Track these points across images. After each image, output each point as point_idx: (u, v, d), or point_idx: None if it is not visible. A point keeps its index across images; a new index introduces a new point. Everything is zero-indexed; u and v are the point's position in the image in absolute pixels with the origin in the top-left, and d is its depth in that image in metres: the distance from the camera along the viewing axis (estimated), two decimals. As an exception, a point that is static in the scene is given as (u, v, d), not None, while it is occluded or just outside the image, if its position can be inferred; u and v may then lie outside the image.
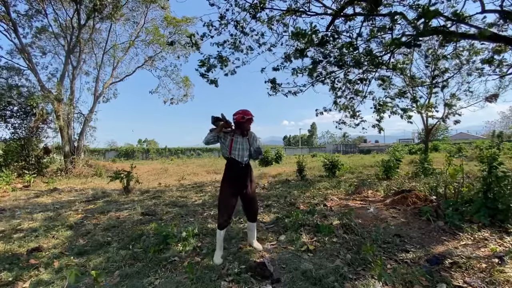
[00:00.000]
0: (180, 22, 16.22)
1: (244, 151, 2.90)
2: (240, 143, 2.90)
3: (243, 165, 2.88)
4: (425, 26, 3.35)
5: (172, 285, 2.33)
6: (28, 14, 13.02)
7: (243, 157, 2.89)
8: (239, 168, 2.87)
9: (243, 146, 2.90)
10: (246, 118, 2.85)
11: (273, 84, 5.87)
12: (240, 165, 2.87)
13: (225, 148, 2.92)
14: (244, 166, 2.90)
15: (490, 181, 3.66)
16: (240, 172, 2.87)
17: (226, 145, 2.89)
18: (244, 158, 2.90)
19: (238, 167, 2.87)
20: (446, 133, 33.58)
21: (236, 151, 2.87)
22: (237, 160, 2.86)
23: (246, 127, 2.90)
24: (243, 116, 2.85)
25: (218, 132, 2.82)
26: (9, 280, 2.51)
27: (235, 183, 2.85)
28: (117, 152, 34.40)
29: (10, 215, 5.10)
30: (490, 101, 7.41)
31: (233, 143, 2.87)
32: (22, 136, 11.14)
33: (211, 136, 2.82)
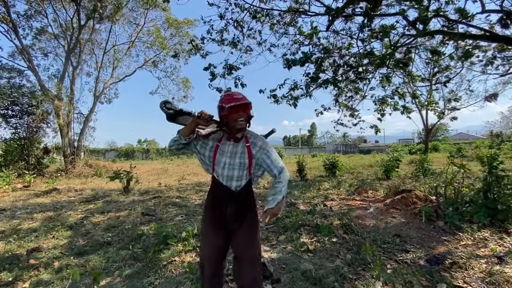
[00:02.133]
0: (181, 24, 16.22)
1: (234, 169, 1.66)
2: (229, 153, 1.67)
3: (232, 193, 1.68)
4: (424, 27, 3.35)
5: (172, 285, 2.33)
6: (28, 15, 13.03)
7: (232, 178, 1.66)
8: (224, 195, 1.69)
9: (234, 160, 1.66)
10: (227, 107, 1.58)
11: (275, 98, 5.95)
12: (227, 192, 1.68)
13: (204, 159, 1.75)
14: (234, 195, 1.68)
15: (490, 181, 3.66)
16: (225, 203, 1.69)
17: (206, 155, 1.73)
18: (235, 182, 1.66)
19: (222, 194, 1.69)
20: (446, 133, 33.58)
21: (220, 166, 1.67)
22: (221, 182, 1.68)
23: (237, 124, 1.61)
24: (221, 105, 1.62)
25: (186, 134, 1.64)
26: (9, 280, 2.51)
27: (217, 219, 1.71)
28: (117, 152, 34.41)
29: (10, 215, 5.10)
30: (490, 101, 7.42)
31: (217, 153, 1.69)
32: (22, 136, 11.14)
33: (173, 140, 1.68)
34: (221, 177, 1.68)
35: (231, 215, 1.69)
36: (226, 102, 1.59)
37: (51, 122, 12.26)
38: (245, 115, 1.63)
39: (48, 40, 14.35)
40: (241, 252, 1.73)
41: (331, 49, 5.04)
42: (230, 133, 1.67)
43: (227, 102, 1.59)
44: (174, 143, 1.68)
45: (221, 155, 1.68)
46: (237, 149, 1.68)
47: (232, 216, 1.69)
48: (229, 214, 1.69)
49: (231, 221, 1.70)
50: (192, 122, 1.64)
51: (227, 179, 1.67)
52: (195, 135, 1.69)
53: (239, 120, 1.60)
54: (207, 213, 1.78)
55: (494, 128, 35.65)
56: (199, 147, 1.75)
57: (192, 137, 1.68)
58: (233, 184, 1.67)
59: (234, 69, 5.70)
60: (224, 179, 1.67)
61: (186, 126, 1.67)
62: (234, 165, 1.66)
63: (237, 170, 1.66)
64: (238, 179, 1.67)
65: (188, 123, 1.67)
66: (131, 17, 15.58)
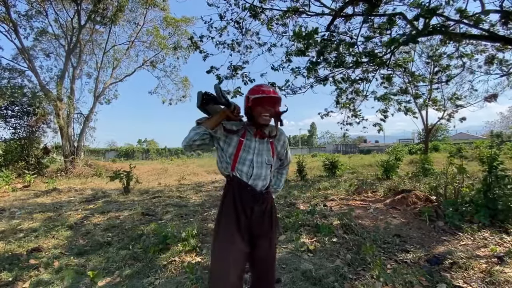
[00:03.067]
0: (179, 22, 16.22)
1: (262, 167, 1.51)
2: (256, 150, 1.53)
3: (258, 194, 1.50)
4: (425, 25, 3.35)
5: (172, 285, 2.33)
6: (29, 15, 13.04)
7: (260, 177, 1.51)
8: (250, 198, 1.49)
9: (262, 157, 1.53)
10: (252, 98, 1.47)
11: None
12: (252, 193, 1.49)
13: (225, 157, 1.54)
14: (260, 196, 1.51)
15: (490, 181, 3.66)
16: (251, 205, 1.49)
17: (229, 152, 1.52)
18: (261, 181, 1.51)
19: (248, 197, 1.48)
20: (446, 133, 33.58)
21: (245, 165, 1.49)
22: (245, 182, 1.49)
23: (260, 118, 1.49)
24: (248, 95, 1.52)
25: (213, 126, 1.46)
26: (9, 280, 2.51)
27: (241, 230, 1.47)
28: (117, 152, 34.43)
29: (10, 215, 5.10)
30: (490, 101, 7.42)
31: (240, 149, 1.51)
32: (22, 136, 11.15)
33: (196, 133, 1.42)
34: (246, 176, 1.50)
35: (257, 218, 1.52)
36: (252, 93, 1.49)
37: (51, 122, 12.28)
38: (272, 110, 1.51)
39: (49, 41, 14.37)
40: (264, 265, 1.56)
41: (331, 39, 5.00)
42: (255, 128, 1.54)
43: (253, 93, 1.49)
44: (198, 136, 1.41)
45: (247, 152, 1.52)
46: (263, 146, 1.55)
47: (259, 219, 1.52)
48: (255, 217, 1.51)
49: (257, 224, 1.52)
50: (223, 114, 1.47)
51: (254, 179, 1.50)
52: (221, 128, 1.51)
53: (263, 115, 1.49)
54: (227, 219, 1.49)
55: (494, 128, 35.68)
56: (222, 143, 1.55)
57: (219, 130, 1.50)
58: (259, 184, 1.51)
59: (239, 69, 5.71)
60: (250, 179, 1.50)
61: (212, 117, 1.48)
62: (262, 163, 1.52)
63: (265, 169, 1.53)
64: (264, 178, 1.54)
65: (216, 114, 1.48)
66: (131, 18, 15.60)
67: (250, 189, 1.50)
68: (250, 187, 1.50)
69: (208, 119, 1.50)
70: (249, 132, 1.55)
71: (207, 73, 5.58)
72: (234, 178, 1.52)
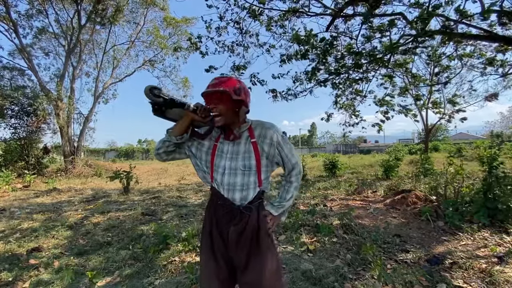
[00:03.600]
0: (180, 23, 16.23)
1: (237, 174, 1.25)
2: (229, 154, 1.28)
3: (234, 210, 1.26)
4: (424, 27, 3.35)
5: (172, 285, 2.33)
6: (29, 14, 13.05)
7: (235, 188, 1.25)
8: (225, 215, 1.27)
9: (236, 162, 1.26)
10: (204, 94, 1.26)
11: (274, 93, 5.96)
12: (228, 208, 1.27)
13: (200, 165, 1.36)
14: (237, 213, 1.26)
15: (490, 181, 3.66)
16: (227, 224, 1.26)
17: (203, 159, 1.34)
18: (238, 192, 1.25)
19: (222, 214, 1.28)
20: (446, 133, 33.59)
21: (218, 173, 1.28)
22: (221, 195, 1.28)
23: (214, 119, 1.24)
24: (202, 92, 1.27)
25: (177, 133, 1.27)
26: (9, 280, 2.51)
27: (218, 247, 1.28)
28: (117, 152, 34.44)
29: (10, 215, 5.10)
30: (490, 100, 7.43)
31: (215, 155, 1.31)
32: (22, 136, 11.15)
33: (159, 141, 1.33)
34: (221, 187, 1.27)
35: (234, 242, 1.23)
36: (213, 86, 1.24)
37: (51, 122, 12.29)
38: (220, 106, 1.22)
39: (49, 40, 14.36)
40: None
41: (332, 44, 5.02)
42: (223, 129, 1.31)
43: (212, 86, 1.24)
44: (162, 145, 1.30)
45: (220, 157, 1.29)
46: (239, 148, 1.27)
47: (235, 243, 1.23)
48: (231, 240, 1.23)
49: (235, 250, 1.24)
50: (186, 117, 1.26)
51: (228, 190, 1.25)
52: (188, 134, 1.30)
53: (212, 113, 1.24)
54: (203, 237, 1.34)
55: (494, 128, 35.69)
56: (194, 149, 1.36)
57: (186, 136, 1.29)
58: (236, 196, 1.25)
59: (241, 68, 5.71)
60: (225, 190, 1.26)
61: (177, 123, 1.29)
62: (236, 169, 1.24)
63: (241, 176, 1.24)
64: (242, 188, 1.24)
65: (180, 119, 1.28)
66: (131, 18, 15.60)
67: (228, 203, 1.26)
68: (227, 200, 1.26)
69: (173, 126, 1.31)
70: (222, 135, 1.33)
71: (206, 72, 5.57)
72: (213, 190, 1.34)
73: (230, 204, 1.26)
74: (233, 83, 1.25)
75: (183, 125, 1.27)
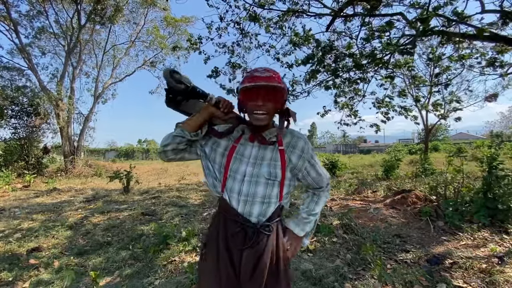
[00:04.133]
0: (179, 22, 16.23)
1: (259, 183, 1.04)
2: (252, 158, 1.07)
3: (250, 228, 1.04)
4: (424, 27, 3.35)
5: (172, 285, 2.33)
6: (29, 15, 13.06)
7: (255, 199, 1.03)
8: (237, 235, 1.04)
9: (260, 169, 1.04)
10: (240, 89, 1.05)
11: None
12: (242, 226, 1.04)
13: (211, 170, 1.14)
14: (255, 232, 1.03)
15: (490, 181, 3.66)
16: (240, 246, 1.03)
17: (217, 163, 1.12)
18: (258, 206, 1.04)
19: (234, 232, 1.05)
20: (446, 133, 33.61)
21: (236, 180, 1.06)
22: (233, 208, 1.05)
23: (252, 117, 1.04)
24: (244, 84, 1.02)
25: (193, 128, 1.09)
26: (9, 280, 2.51)
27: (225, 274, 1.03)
28: (117, 152, 34.42)
29: (10, 215, 5.10)
30: (490, 101, 7.43)
31: (232, 157, 1.09)
32: (22, 136, 11.15)
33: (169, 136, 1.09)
34: (235, 198, 1.03)
35: (249, 271, 1.00)
36: (243, 82, 1.04)
37: (51, 122, 12.29)
38: (269, 104, 1.01)
39: (48, 39, 14.35)
40: None
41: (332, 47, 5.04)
42: (251, 129, 1.09)
43: (243, 81, 1.05)
44: (172, 140, 1.06)
45: (239, 161, 1.06)
46: (264, 153, 1.05)
47: (251, 272, 1.00)
48: (246, 267, 1.00)
49: (248, 280, 1.01)
50: (204, 111, 1.09)
51: (246, 201, 1.02)
52: (205, 131, 1.10)
53: (254, 112, 1.01)
54: (206, 257, 1.08)
55: (494, 128, 35.69)
56: (208, 149, 1.13)
57: (201, 133, 1.10)
58: (254, 211, 1.02)
59: (237, 67, 5.71)
60: (240, 202, 1.02)
61: (193, 117, 1.10)
62: (259, 177, 1.02)
63: (263, 186, 1.02)
64: (263, 201, 1.03)
65: (197, 113, 1.11)
66: (131, 17, 15.59)
67: (242, 220, 1.02)
68: (239, 216, 1.02)
69: (186, 120, 1.12)
70: (245, 135, 1.12)
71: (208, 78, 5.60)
72: (221, 201, 1.10)
73: (245, 221, 1.03)
74: (281, 79, 1.08)
75: (199, 120, 1.09)
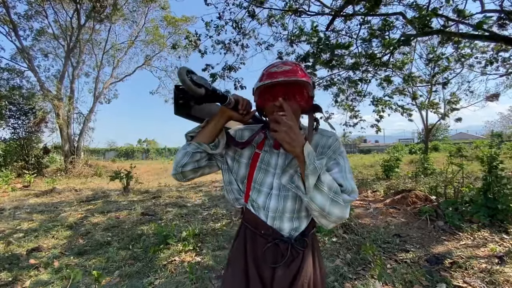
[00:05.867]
0: (179, 22, 16.23)
1: (288, 197, 0.91)
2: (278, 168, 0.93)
3: (283, 244, 0.91)
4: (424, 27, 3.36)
5: (172, 285, 2.33)
6: (28, 15, 13.04)
7: (284, 216, 0.91)
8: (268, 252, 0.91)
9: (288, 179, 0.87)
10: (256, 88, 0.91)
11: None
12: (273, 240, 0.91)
13: (234, 183, 1.01)
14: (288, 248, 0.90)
15: (490, 181, 3.66)
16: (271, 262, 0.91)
17: (241, 175, 1.00)
18: (288, 221, 0.92)
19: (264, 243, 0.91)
20: (446, 133, 33.62)
21: (261, 192, 0.93)
22: (261, 222, 0.92)
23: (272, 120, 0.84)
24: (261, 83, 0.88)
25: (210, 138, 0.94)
26: (9, 280, 2.51)
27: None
28: (117, 152, 34.40)
29: (9, 215, 5.09)
30: (491, 100, 7.43)
31: (256, 167, 0.95)
32: (21, 136, 11.16)
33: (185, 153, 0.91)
34: (262, 211, 0.92)
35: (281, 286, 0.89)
36: (259, 80, 0.90)
37: (51, 122, 12.30)
38: (292, 103, 0.86)
39: (48, 41, 14.36)
40: None
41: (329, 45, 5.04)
42: None
43: (260, 79, 0.90)
44: (190, 159, 0.91)
45: (265, 171, 0.94)
46: (292, 161, 0.89)
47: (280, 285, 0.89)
48: (277, 286, 0.89)
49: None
50: (221, 115, 0.92)
51: (274, 218, 0.91)
52: (224, 138, 0.96)
53: (276, 113, 0.82)
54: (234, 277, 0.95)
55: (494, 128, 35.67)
56: (230, 159, 1.00)
57: (220, 141, 0.95)
58: (285, 226, 0.91)
59: (233, 69, 5.70)
60: (268, 216, 0.91)
61: (207, 124, 0.94)
62: (288, 190, 0.90)
63: (293, 200, 0.90)
64: (293, 216, 0.92)
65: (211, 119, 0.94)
66: (131, 17, 15.59)
67: (273, 234, 0.91)
68: (269, 231, 0.91)
69: (203, 128, 0.95)
70: (269, 140, 0.97)
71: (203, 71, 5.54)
72: (246, 213, 0.98)
73: (276, 236, 0.90)
74: (304, 71, 0.92)
75: (217, 127, 0.93)
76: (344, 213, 0.82)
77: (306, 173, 0.76)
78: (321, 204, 0.79)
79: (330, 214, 0.80)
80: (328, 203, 0.79)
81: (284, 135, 0.76)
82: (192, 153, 0.91)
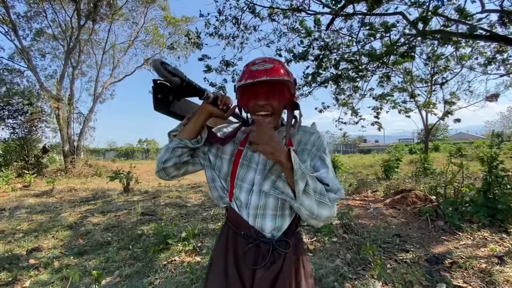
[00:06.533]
0: (179, 22, 16.22)
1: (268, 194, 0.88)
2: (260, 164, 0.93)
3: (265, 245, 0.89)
4: (425, 27, 3.35)
5: (172, 285, 2.33)
6: (28, 15, 13.04)
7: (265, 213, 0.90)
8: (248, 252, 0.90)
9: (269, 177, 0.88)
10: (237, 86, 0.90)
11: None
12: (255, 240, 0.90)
13: (217, 180, 0.99)
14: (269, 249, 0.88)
15: (490, 181, 3.66)
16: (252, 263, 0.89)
17: (223, 172, 0.98)
18: (270, 220, 0.89)
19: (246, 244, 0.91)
20: (446, 133, 33.63)
21: (243, 189, 0.92)
22: (243, 221, 0.91)
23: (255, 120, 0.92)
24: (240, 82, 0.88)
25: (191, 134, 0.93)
26: (9, 280, 2.51)
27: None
28: (117, 152, 34.40)
29: (9, 215, 5.09)
30: (491, 101, 7.42)
31: (239, 164, 0.94)
32: (21, 136, 11.16)
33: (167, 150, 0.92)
34: (245, 210, 0.91)
35: None
36: (240, 79, 0.90)
37: (50, 122, 12.29)
38: (274, 101, 0.88)
39: (47, 41, 14.35)
40: None
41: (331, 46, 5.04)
42: None
43: (241, 77, 0.89)
44: (171, 154, 0.90)
45: (247, 168, 0.93)
46: (274, 167, 0.88)
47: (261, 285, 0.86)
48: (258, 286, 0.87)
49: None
50: (202, 111, 0.92)
51: (256, 215, 0.89)
52: (205, 134, 0.96)
53: (257, 113, 0.90)
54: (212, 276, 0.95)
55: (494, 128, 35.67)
56: (212, 157, 1.00)
57: (203, 137, 0.95)
58: (267, 225, 0.89)
59: (230, 65, 5.68)
60: (250, 215, 0.90)
61: (188, 120, 0.94)
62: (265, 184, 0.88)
63: (275, 196, 0.87)
64: (276, 214, 0.90)
65: (192, 115, 0.94)
66: (130, 17, 15.59)
67: (254, 234, 0.89)
68: (251, 231, 0.89)
69: (184, 125, 0.95)
70: None
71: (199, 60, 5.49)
72: (230, 212, 0.96)
73: (258, 236, 0.89)
74: (286, 68, 0.93)
75: (197, 123, 0.93)
76: (332, 212, 0.84)
77: (296, 179, 0.75)
78: (309, 208, 0.79)
79: (319, 216, 0.81)
80: (316, 206, 0.80)
81: (265, 147, 0.75)
82: (173, 148, 0.91)
